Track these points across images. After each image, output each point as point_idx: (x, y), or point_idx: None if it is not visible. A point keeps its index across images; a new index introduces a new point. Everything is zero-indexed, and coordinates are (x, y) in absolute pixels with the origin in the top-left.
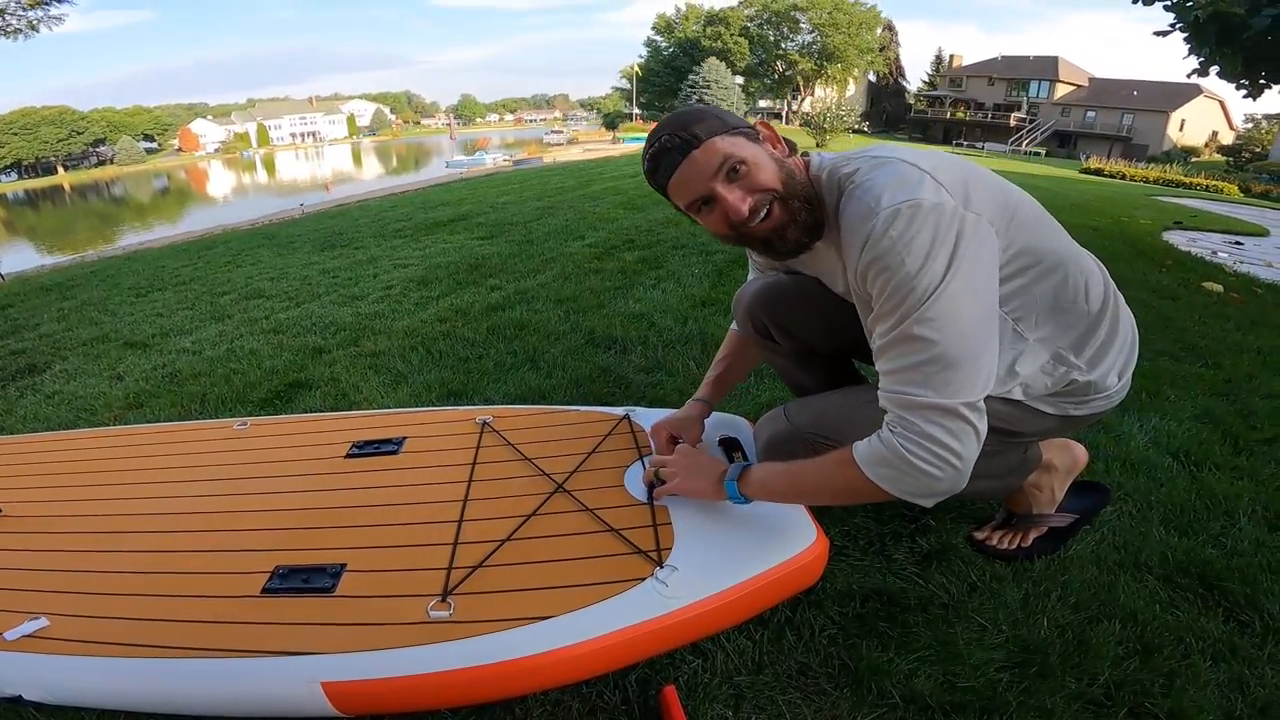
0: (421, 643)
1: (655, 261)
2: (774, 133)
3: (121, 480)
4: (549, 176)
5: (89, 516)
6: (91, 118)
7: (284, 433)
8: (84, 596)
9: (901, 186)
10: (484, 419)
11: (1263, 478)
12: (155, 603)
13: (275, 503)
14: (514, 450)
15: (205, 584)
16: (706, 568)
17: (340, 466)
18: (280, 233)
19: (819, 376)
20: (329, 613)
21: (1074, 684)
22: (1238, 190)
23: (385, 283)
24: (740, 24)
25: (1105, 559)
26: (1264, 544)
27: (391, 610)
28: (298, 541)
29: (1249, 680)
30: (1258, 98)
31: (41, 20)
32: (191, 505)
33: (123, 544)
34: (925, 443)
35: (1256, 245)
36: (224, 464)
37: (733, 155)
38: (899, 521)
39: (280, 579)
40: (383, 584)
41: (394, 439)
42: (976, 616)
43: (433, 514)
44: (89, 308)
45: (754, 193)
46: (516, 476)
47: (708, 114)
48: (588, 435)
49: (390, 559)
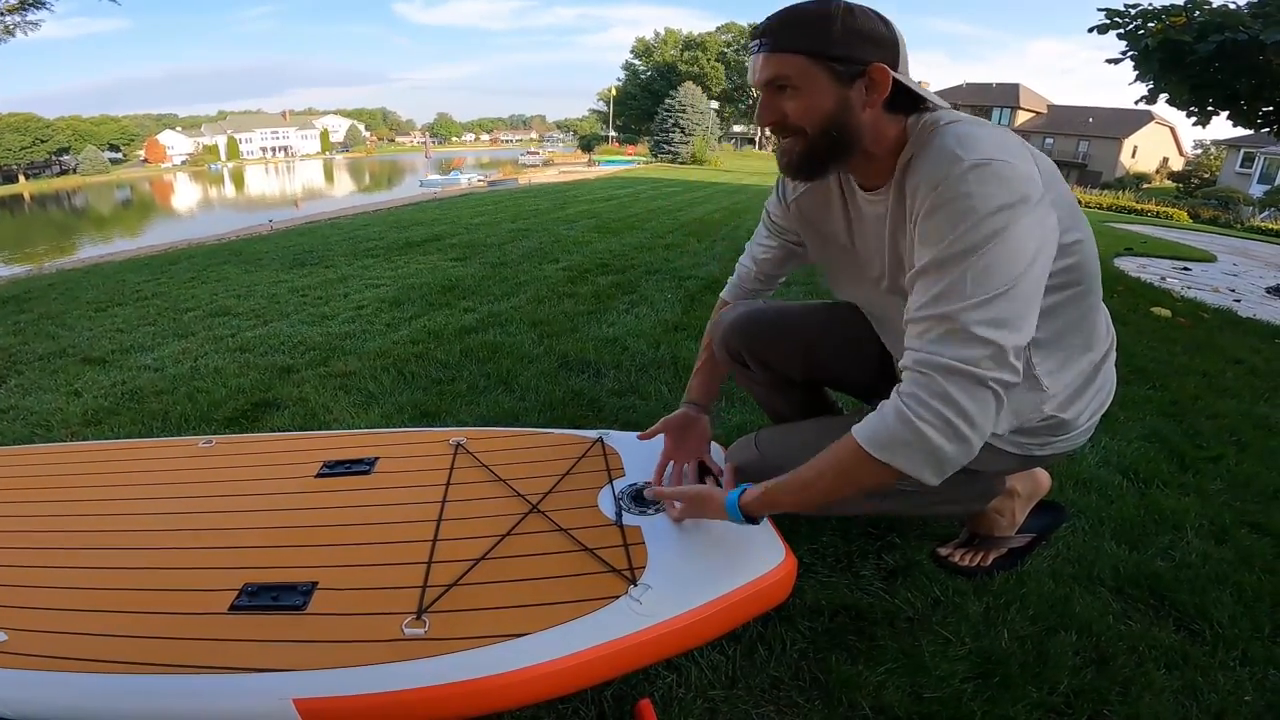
0: (396, 659)
1: (628, 286)
2: (885, 81)
3: (82, 497)
4: (524, 198)
5: (49, 532)
6: (57, 126)
7: (251, 451)
8: (45, 612)
9: (1002, 149)
10: (458, 440)
11: (1208, 494)
12: (120, 619)
13: (243, 520)
14: (488, 471)
15: (171, 600)
16: (679, 585)
17: (311, 485)
18: (247, 249)
19: (794, 403)
20: (300, 630)
21: (1035, 693)
22: (1187, 216)
23: (356, 303)
24: (717, 49)
25: (1061, 573)
26: (1211, 556)
27: (365, 628)
28: (267, 559)
29: (1202, 687)
30: (1206, 125)
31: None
32: (156, 522)
33: (85, 560)
34: (940, 405)
35: (1204, 271)
36: (189, 481)
37: (788, 78)
38: (865, 539)
39: (249, 596)
40: (355, 602)
41: (366, 459)
42: (941, 629)
43: (406, 533)
44: (46, 321)
45: (783, 116)
46: (491, 497)
47: (819, 25)
48: (561, 458)
49: (363, 577)
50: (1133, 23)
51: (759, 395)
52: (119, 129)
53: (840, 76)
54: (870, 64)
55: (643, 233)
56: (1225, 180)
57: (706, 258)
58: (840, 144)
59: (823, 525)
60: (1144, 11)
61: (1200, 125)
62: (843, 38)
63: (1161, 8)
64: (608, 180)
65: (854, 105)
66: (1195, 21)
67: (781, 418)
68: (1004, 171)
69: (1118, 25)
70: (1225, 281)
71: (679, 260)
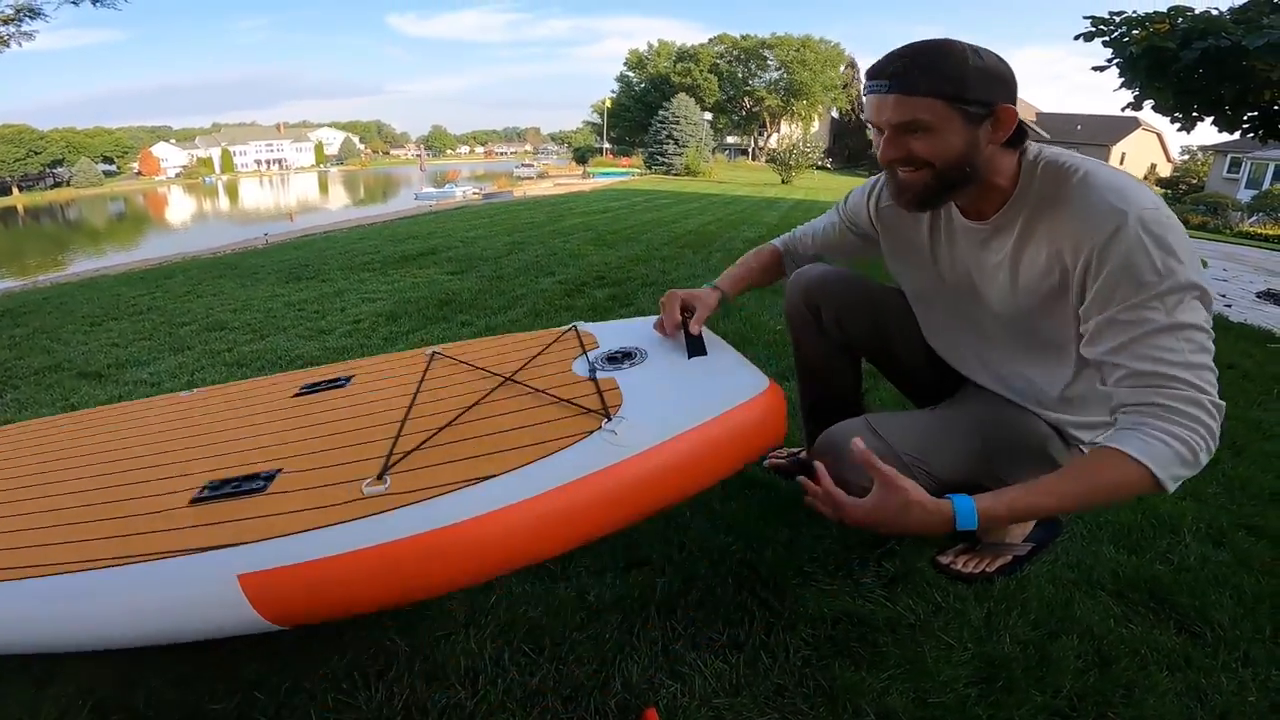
0: (353, 518)
1: (625, 299)
2: (1011, 121)
3: (59, 446)
4: (519, 211)
5: (17, 476)
6: (51, 137)
7: (230, 392)
8: (6, 534)
9: (1142, 190)
10: (434, 350)
11: (1205, 497)
12: (71, 529)
13: (215, 438)
14: (463, 366)
15: (130, 507)
16: (657, 418)
17: (288, 404)
18: (243, 263)
19: (843, 372)
20: (258, 510)
21: (1039, 696)
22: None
23: (353, 316)
24: (710, 61)
25: (1060, 577)
26: (1210, 559)
27: (324, 497)
28: (234, 461)
29: (1206, 689)
30: (1191, 130)
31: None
32: (124, 452)
33: (53, 491)
34: (1207, 433)
35: None
36: (166, 420)
37: (922, 121)
38: (865, 547)
39: (211, 490)
40: (318, 478)
41: (342, 377)
42: (943, 635)
43: (377, 420)
44: (41, 335)
45: (911, 154)
46: (464, 381)
47: (952, 69)
48: (535, 345)
49: (327, 459)
50: (1118, 30)
51: (808, 355)
52: (113, 141)
53: (972, 118)
54: (998, 105)
55: (638, 245)
56: (1213, 186)
57: (702, 270)
58: (963, 179)
59: (822, 534)
60: (1129, 19)
61: (1185, 131)
62: (977, 81)
63: (1145, 15)
64: (602, 192)
65: (980, 143)
66: (1179, 28)
67: (819, 385)
68: (1166, 219)
69: (1103, 33)
70: (1215, 287)
71: (675, 272)
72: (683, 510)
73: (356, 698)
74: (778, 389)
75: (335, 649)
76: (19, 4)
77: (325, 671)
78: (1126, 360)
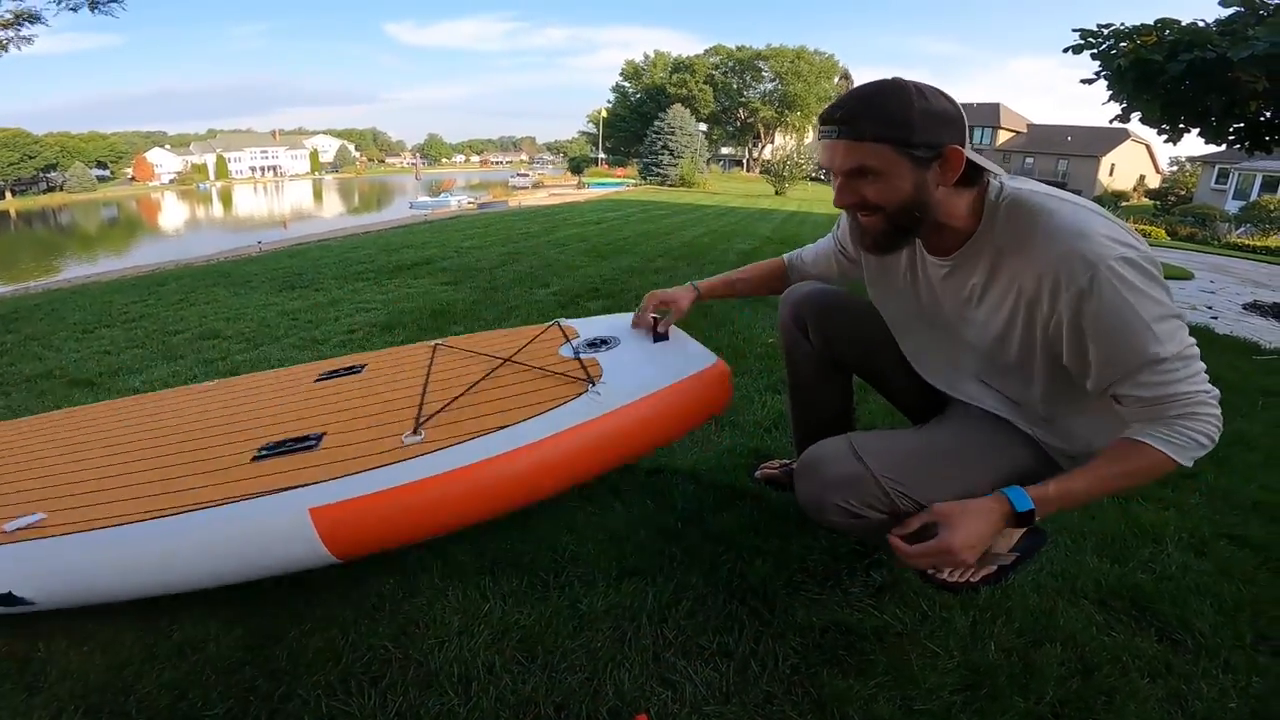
0: (399, 461)
1: (619, 311)
2: (959, 163)
3: (99, 427)
4: (514, 221)
5: (79, 448)
6: (46, 142)
7: (251, 381)
8: (78, 495)
9: (1109, 228)
10: (437, 342)
11: (1187, 508)
12: (147, 485)
13: (256, 414)
14: (465, 353)
15: (198, 466)
16: (630, 383)
17: (311, 388)
18: (236, 271)
19: (830, 386)
20: (314, 461)
21: (1023, 703)
22: (1164, 234)
23: (348, 326)
24: (705, 72)
25: (1044, 586)
26: (1190, 568)
27: (370, 449)
28: (280, 429)
29: (1186, 695)
30: (1177, 142)
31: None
32: (176, 428)
33: (114, 459)
34: (1215, 421)
35: (1181, 289)
36: (199, 405)
37: (869, 167)
38: (853, 557)
39: (268, 450)
40: (360, 436)
41: (356, 365)
42: (929, 643)
43: (399, 395)
44: (33, 342)
45: (863, 199)
46: (469, 363)
47: (894, 113)
48: (525, 337)
49: (365, 422)
50: (1106, 42)
51: (798, 370)
52: (108, 146)
53: (919, 161)
54: (946, 146)
55: (633, 256)
56: (1201, 197)
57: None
58: (913, 223)
59: (811, 545)
60: (1116, 31)
61: (1172, 142)
62: (922, 124)
63: (1133, 28)
64: (597, 203)
65: (929, 185)
66: (1166, 40)
67: (808, 400)
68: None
69: (1091, 45)
70: (1202, 299)
71: (669, 284)
72: (674, 521)
73: (351, 704)
74: (723, 364)
75: (330, 656)
76: (19, 9)
77: (320, 678)
78: (1134, 390)
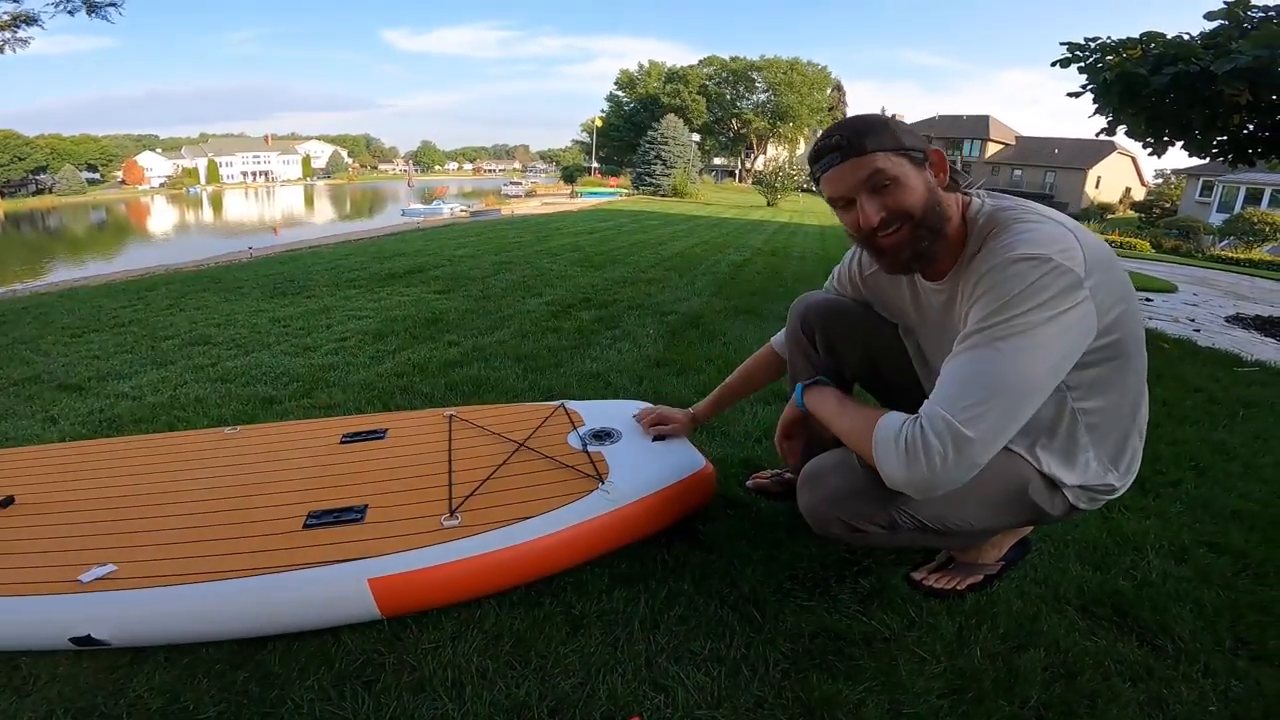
0: (441, 542)
1: (611, 321)
2: (943, 162)
3: (139, 471)
4: (506, 230)
5: (130, 497)
6: (36, 144)
7: (274, 433)
8: (144, 549)
9: (1050, 242)
10: (450, 413)
11: (1168, 516)
12: (210, 544)
13: (291, 475)
14: (480, 429)
15: (253, 529)
16: (636, 482)
17: (337, 449)
18: (227, 276)
19: None
20: (363, 534)
21: (1007, 707)
22: (1149, 246)
23: (339, 334)
24: (699, 82)
25: (1029, 593)
26: (1171, 575)
27: (412, 527)
28: (322, 496)
29: (1167, 699)
30: (1162, 155)
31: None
32: (217, 481)
33: (166, 511)
34: (929, 451)
35: (1165, 301)
36: (231, 455)
37: (884, 171)
38: (842, 565)
39: (316, 518)
40: (401, 513)
41: (378, 430)
42: (916, 648)
43: (427, 469)
44: (20, 346)
45: (890, 210)
46: (486, 443)
47: (883, 127)
48: (534, 417)
49: (402, 499)
50: (1092, 56)
51: (801, 377)
52: (98, 149)
53: (917, 162)
54: (928, 149)
55: (625, 267)
56: (1186, 209)
57: (688, 293)
58: (940, 222)
59: (801, 553)
60: (1103, 45)
61: (1156, 155)
62: (904, 132)
63: (1119, 41)
64: (590, 212)
65: (934, 186)
66: (1151, 54)
67: None
68: (1048, 269)
69: (1078, 59)
70: (1185, 311)
71: (661, 295)
72: (666, 530)
73: (344, 708)
74: (710, 466)
75: (323, 660)
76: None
77: (313, 682)
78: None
